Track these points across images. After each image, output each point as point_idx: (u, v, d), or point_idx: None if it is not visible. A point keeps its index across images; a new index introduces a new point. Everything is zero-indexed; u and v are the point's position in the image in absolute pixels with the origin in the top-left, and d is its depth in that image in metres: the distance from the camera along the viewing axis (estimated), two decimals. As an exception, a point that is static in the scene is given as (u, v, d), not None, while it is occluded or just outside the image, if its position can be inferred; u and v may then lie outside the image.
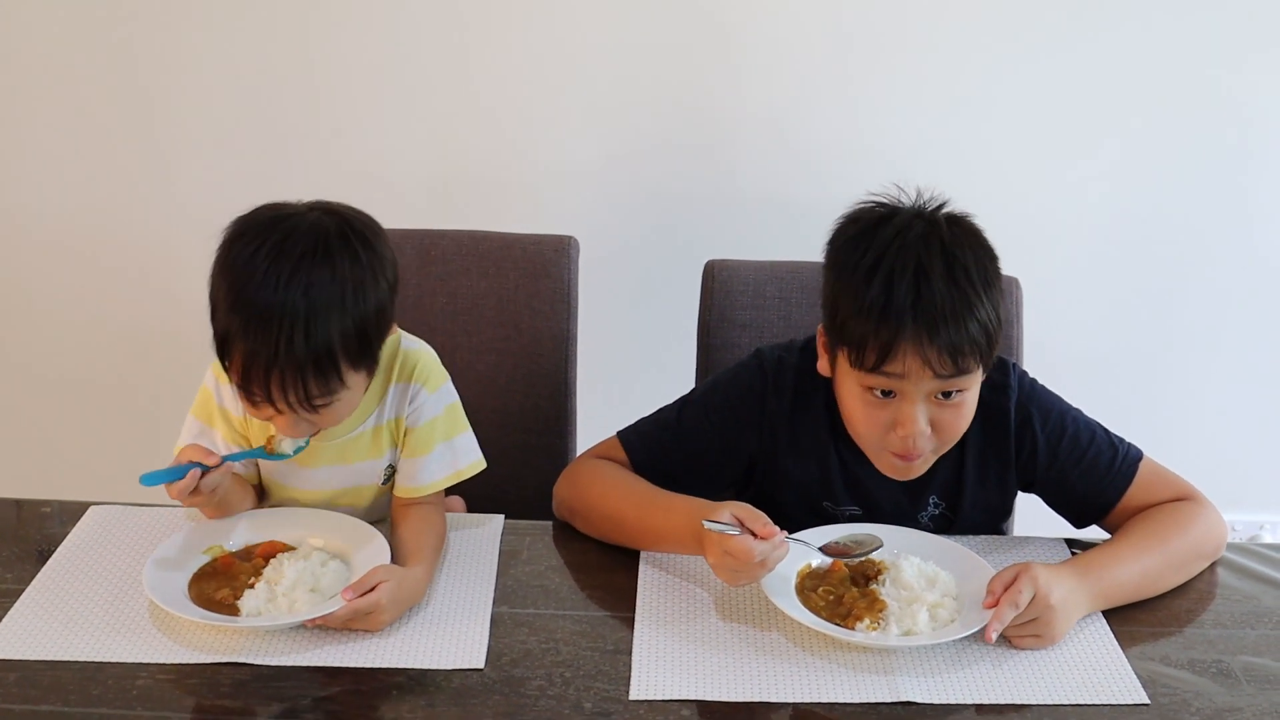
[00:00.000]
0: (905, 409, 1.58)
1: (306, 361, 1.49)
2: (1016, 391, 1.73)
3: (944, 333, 1.52)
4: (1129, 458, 1.71)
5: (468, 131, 2.60)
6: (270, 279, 1.48)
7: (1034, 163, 2.65)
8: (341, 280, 1.52)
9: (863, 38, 2.56)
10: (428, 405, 1.71)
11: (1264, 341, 2.83)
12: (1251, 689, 1.47)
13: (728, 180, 2.67)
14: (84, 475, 2.90)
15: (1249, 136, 2.64)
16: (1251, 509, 3.00)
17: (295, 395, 1.51)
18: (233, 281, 1.51)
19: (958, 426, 1.62)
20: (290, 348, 1.48)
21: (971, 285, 1.55)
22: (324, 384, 1.52)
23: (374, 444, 1.72)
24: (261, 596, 1.53)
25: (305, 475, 1.73)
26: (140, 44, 2.57)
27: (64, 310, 2.81)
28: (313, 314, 1.49)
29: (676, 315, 2.40)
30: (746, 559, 1.49)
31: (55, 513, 1.76)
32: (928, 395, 1.58)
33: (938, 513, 1.78)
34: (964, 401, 1.61)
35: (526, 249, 2.18)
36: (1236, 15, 2.54)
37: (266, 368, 1.48)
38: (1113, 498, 1.70)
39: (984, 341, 1.55)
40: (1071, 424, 1.73)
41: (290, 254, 1.50)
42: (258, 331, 1.47)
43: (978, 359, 1.56)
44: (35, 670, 1.44)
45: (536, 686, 1.44)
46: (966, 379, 1.58)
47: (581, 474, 1.77)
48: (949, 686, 1.45)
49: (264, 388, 1.50)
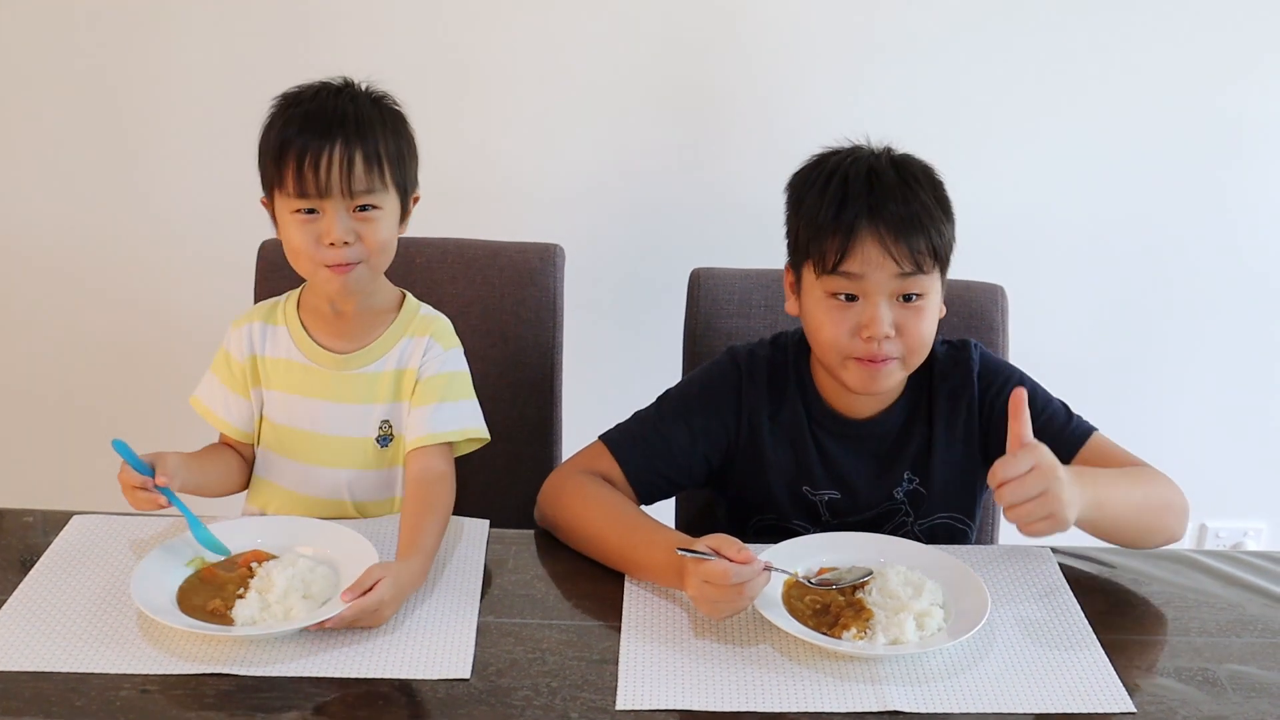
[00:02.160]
0: (868, 309, 1.66)
1: (355, 149, 1.68)
2: (979, 363, 1.81)
3: (899, 225, 1.64)
4: (1081, 426, 1.77)
5: (452, 139, 2.59)
6: (322, 96, 1.73)
7: (1018, 171, 2.66)
8: (381, 109, 1.76)
9: (848, 48, 2.57)
10: (440, 360, 1.83)
11: (1246, 349, 2.84)
12: (1238, 697, 1.47)
13: (713, 189, 2.67)
14: (67, 485, 2.88)
15: (1233, 144, 2.65)
16: (1235, 516, 3.01)
17: (343, 178, 1.67)
18: (284, 107, 1.73)
19: (920, 330, 1.69)
20: (342, 133, 1.68)
21: (921, 187, 1.68)
22: (369, 174, 1.69)
23: (376, 386, 1.81)
24: (254, 605, 1.52)
25: (302, 409, 1.81)
26: (117, 54, 2.56)
27: (47, 320, 2.80)
28: (360, 117, 1.71)
29: (662, 323, 2.40)
30: (723, 581, 1.48)
31: (38, 522, 1.75)
32: (890, 296, 1.66)
33: (911, 488, 1.81)
34: (925, 306, 1.69)
35: (512, 257, 2.18)
36: (1223, 25, 2.55)
37: (319, 154, 1.67)
38: (1063, 457, 1.67)
39: (938, 240, 1.67)
40: (1030, 386, 1.78)
41: (334, 90, 1.75)
42: (315, 125, 1.68)
43: (933, 257, 1.66)
44: (17, 681, 1.43)
45: (523, 697, 1.43)
46: (924, 280, 1.67)
47: (564, 491, 1.76)
48: (936, 696, 1.44)
49: (316, 172, 1.66)
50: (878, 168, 1.69)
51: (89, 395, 2.86)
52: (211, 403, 1.87)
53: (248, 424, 1.87)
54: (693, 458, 1.81)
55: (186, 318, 2.74)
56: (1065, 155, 2.66)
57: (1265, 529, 3.03)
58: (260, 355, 1.84)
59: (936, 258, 1.67)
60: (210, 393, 1.87)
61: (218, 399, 1.86)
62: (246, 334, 1.84)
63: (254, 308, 1.88)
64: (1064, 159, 2.67)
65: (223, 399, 1.86)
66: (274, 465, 1.87)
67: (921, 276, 1.66)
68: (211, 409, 1.87)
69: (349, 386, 1.82)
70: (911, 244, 1.64)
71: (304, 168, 1.67)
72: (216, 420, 1.87)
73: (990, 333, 2.09)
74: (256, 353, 1.84)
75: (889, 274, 1.65)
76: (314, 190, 1.68)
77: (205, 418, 1.88)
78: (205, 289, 2.72)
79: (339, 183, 1.68)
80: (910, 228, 1.64)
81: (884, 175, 1.68)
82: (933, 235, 1.66)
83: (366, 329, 1.83)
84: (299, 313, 1.85)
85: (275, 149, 1.70)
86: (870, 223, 1.64)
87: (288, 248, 1.75)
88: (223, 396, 1.86)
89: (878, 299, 1.66)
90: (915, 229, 1.64)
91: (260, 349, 1.84)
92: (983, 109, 2.61)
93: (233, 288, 2.30)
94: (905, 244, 1.64)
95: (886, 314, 1.66)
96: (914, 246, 1.64)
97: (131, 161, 2.66)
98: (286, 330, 1.84)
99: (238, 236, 2.26)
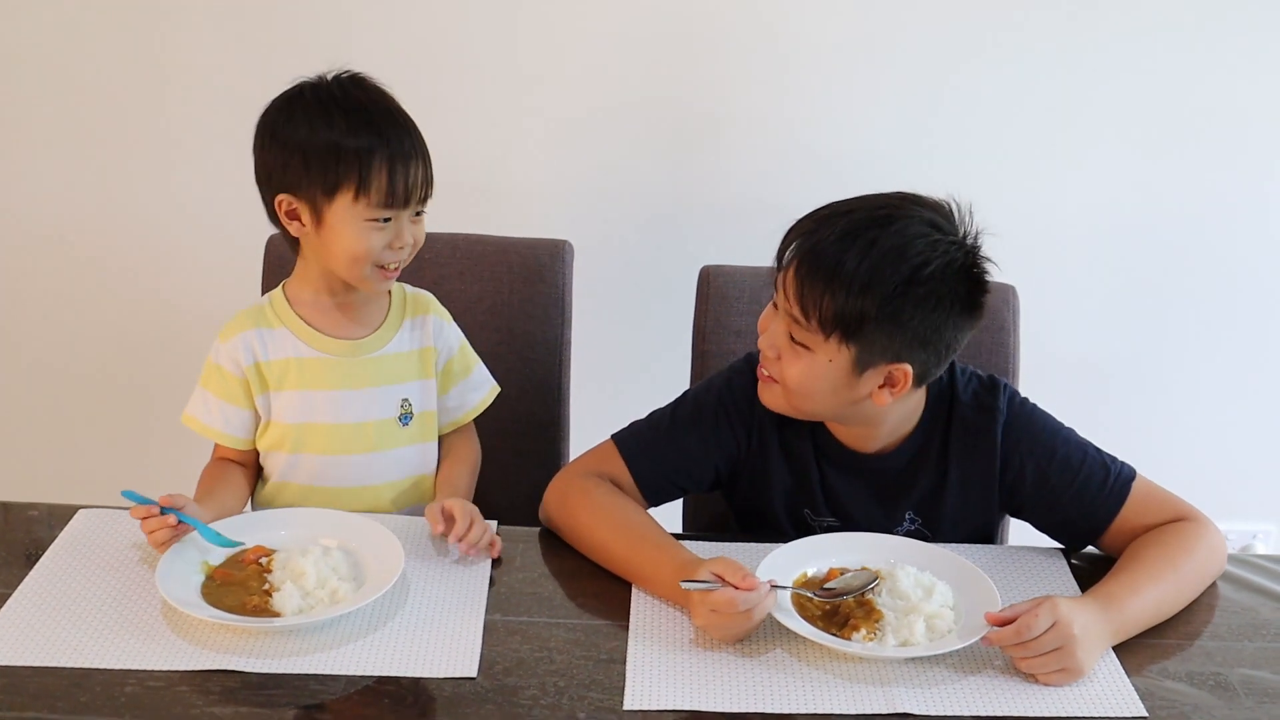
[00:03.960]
0: (776, 321, 1.65)
1: (423, 156, 1.72)
2: (1005, 413, 1.72)
3: (807, 269, 1.58)
4: (1121, 477, 1.69)
5: (462, 135, 2.59)
6: (357, 95, 1.72)
7: (1030, 171, 2.65)
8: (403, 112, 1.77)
9: (860, 44, 2.56)
10: (452, 334, 1.93)
11: (1257, 351, 2.83)
12: (1250, 702, 1.46)
13: (724, 186, 2.66)
14: (72, 478, 2.88)
15: (1244, 143, 2.64)
16: (1245, 519, 2.99)
17: (421, 187, 1.72)
18: (336, 107, 1.69)
19: (790, 373, 1.64)
20: (410, 140, 1.71)
21: (864, 263, 1.55)
22: (429, 180, 1.74)
23: (398, 367, 1.86)
24: (295, 595, 1.52)
25: (319, 402, 1.82)
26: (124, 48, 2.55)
27: (54, 313, 2.80)
28: (408, 121, 1.73)
29: (671, 321, 2.39)
30: (730, 609, 1.47)
31: (43, 516, 1.74)
32: (787, 319, 1.63)
33: (914, 529, 1.78)
34: (806, 355, 1.63)
35: (521, 253, 2.17)
36: (1234, 25, 2.53)
37: (406, 160, 1.69)
38: (1105, 519, 1.68)
39: (836, 317, 1.57)
40: (1063, 445, 1.71)
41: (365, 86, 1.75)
42: (388, 131, 1.69)
43: (826, 328, 1.59)
44: (22, 676, 1.42)
45: (530, 696, 1.42)
46: (812, 336, 1.60)
47: (570, 496, 1.75)
48: (946, 698, 1.44)
49: (406, 182, 1.69)
50: (860, 222, 1.59)
51: (95, 390, 2.86)
52: (208, 419, 1.83)
53: (247, 432, 1.84)
54: (703, 466, 1.80)
55: (194, 313, 2.74)
56: (1077, 154, 2.65)
57: (1275, 531, 3.02)
58: (264, 361, 1.81)
59: (826, 323, 1.59)
60: (205, 409, 1.83)
61: (214, 413, 1.83)
62: (242, 344, 1.80)
63: (236, 318, 1.83)
64: (1075, 158, 2.65)
65: (220, 412, 1.83)
66: (289, 465, 1.85)
67: (809, 331, 1.60)
68: (209, 425, 1.83)
69: (368, 371, 1.84)
70: (804, 289, 1.59)
71: (395, 177, 1.68)
72: (216, 435, 1.83)
73: (1001, 333, 2.07)
74: (259, 360, 1.81)
75: (790, 307, 1.62)
76: (401, 200, 1.70)
77: (203, 434, 1.84)
78: (212, 284, 2.72)
79: (418, 191, 1.72)
80: (812, 274, 1.58)
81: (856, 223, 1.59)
82: (834, 312, 1.57)
83: (367, 315, 1.85)
84: (294, 309, 1.83)
85: (355, 154, 1.67)
86: (798, 263, 1.61)
87: (346, 252, 1.72)
88: (220, 410, 1.83)
89: (777, 319, 1.65)
90: (815, 279, 1.58)
91: (263, 355, 1.81)
92: (996, 106, 2.60)
93: (240, 283, 2.29)
94: (799, 284, 1.60)
95: (778, 332, 1.65)
96: (804, 293, 1.59)
97: (136, 157, 2.65)
98: (287, 330, 1.82)
99: (245, 231, 2.25)
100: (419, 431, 1.89)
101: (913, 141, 2.61)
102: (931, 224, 1.59)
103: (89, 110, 2.61)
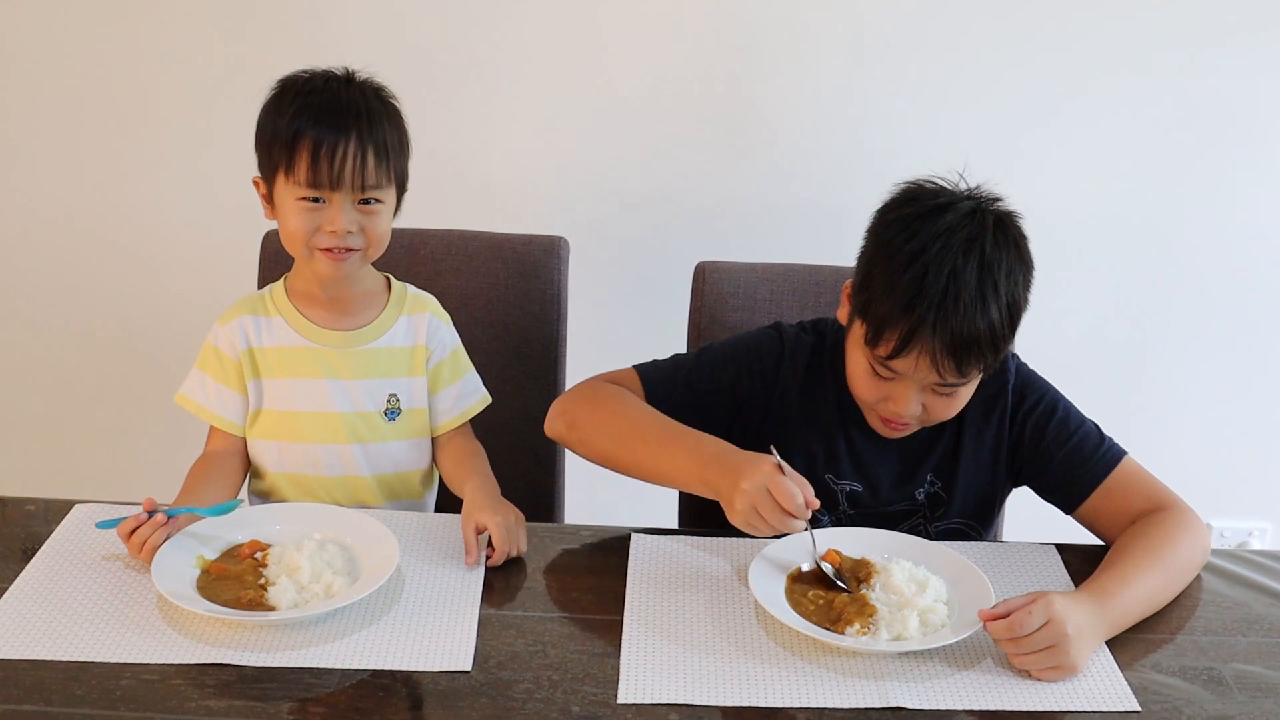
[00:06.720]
0: (901, 391, 1.67)
1: (368, 144, 1.72)
2: (1014, 375, 1.81)
3: (957, 345, 1.58)
4: (1113, 451, 1.76)
5: (458, 131, 2.59)
6: (332, 86, 1.75)
7: (1021, 169, 2.65)
8: (383, 102, 1.78)
9: (855, 43, 2.56)
10: (448, 336, 1.93)
11: (1251, 349, 2.83)
12: (1243, 696, 1.46)
13: (719, 182, 2.66)
14: (68, 474, 2.88)
15: (1240, 144, 2.64)
16: (1239, 516, 3.00)
17: (356, 172, 1.71)
18: (297, 95, 1.73)
19: (948, 413, 1.72)
20: (357, 127, 1.71)
21: (997, 298, 1.60)
22: (379, 169, 1.73)
23: (387, 361, 1.87)
24: (290, 589, 1.53)
25: (307, 391, 1.83)
26: (119, 44, 2.55)
27: (50, 310, 2.80)
28: (370, 111, 1.74)
29: (667, 317, 2.39)
30: (786, 503, 1.51)
31: (40, 511, 1.74)
32: (925, 388, 1.66)
33: (933, 490, 1.82)
34: (959, 393, 1.69)
35: (517, 249, 2.17)
36: (1228, 23, 2.54)
37: (334, 146, 1.70)
38: (1091, 483, 1.73)
39: (992, 356, 1.63)
40: (1063, 409, 1.79)
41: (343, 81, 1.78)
42: (330, 117, 1.71)
43: (982, 368, 1.65)
44: (18, 669, 1.42)
45: (524, 689, 1.42)
46: (967, 381, 1.66)
47: (598, 390, 1.79)
48: (940, 693, 1.44)
49: (331, 164, 1.69)
50: (959, 270, 1.58)
51: (92, 384, 2.86)
52: (204, 399, 1.86)
53: (240, 417, 1.87)
54: (716, 411, 1.82)
55: (189, 308, 2.74)
56: (1070, 155, 2.65)
57: (1270, 528, 3.02)
58: (257, 347, 1.85)
59: (986, 368, 1.66)
60: (201, 389, 1.86)
61: (211, 394, 1.86)
62: (238, 329, 1.84)
63: (236, 304, 1.88)
64: (1069, 159, 2.65)
65: (216, 394, 1.86)
66: (277, 453, 1.87)
67: (964, 380, 1.65)
68: (203, 404, 1.86)
69: (357, 362, 1.86)
70: (963, 364, 1.60)
71: (319, 159, 1.70)
72: (209, 415, 1.86)
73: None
74: (252, 345, 1.85)
75: (930, 380, 1.64)
76: (327, 182, 1.71)
77: (197, 414, 1.87)
78: (208, 279, 2.72)
79: (351, 176, 1.71)
80: (968, 351, 1.59)
81: (963, 280, 1.57)
82: (988, 357, 1.62)
83: (362, 309, 1.88)
84: (290, 300, 1.86)
85: (288, 136, 1.71)
86: (931, 336, 1.58)
87: (284, 230, 1.77)
88: (216, 391, 1.86)
89: (914, 387, 1.66)
90: (972, 353, 1.60)
91: (256, 341, 1.84)
92: (988, 104, 2.60)
93: (236, 278, 2.30)
94: (955, 363, 1.60)
95: (917, 400, 1.67)
96: (964, 367, 1.61)
97: (133, 152, 2.66)
98: (282, 319, 1.85)
99: (241, 227, 2.25)
100: (407, 428, 1.90)
101: (906, 140, 2.61)
102: (967, 213, 1.64)
103: (84, 105, 2.62)
